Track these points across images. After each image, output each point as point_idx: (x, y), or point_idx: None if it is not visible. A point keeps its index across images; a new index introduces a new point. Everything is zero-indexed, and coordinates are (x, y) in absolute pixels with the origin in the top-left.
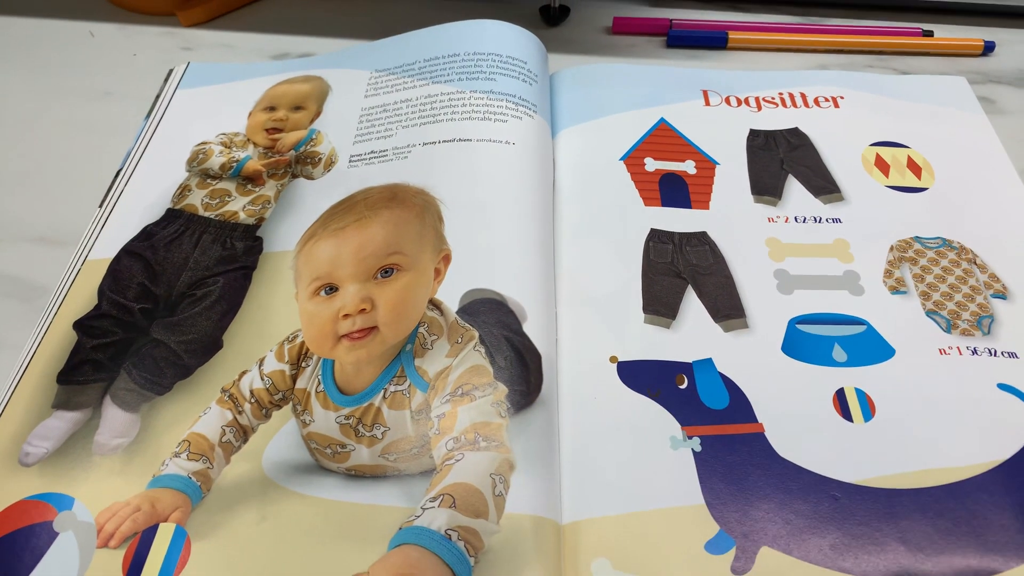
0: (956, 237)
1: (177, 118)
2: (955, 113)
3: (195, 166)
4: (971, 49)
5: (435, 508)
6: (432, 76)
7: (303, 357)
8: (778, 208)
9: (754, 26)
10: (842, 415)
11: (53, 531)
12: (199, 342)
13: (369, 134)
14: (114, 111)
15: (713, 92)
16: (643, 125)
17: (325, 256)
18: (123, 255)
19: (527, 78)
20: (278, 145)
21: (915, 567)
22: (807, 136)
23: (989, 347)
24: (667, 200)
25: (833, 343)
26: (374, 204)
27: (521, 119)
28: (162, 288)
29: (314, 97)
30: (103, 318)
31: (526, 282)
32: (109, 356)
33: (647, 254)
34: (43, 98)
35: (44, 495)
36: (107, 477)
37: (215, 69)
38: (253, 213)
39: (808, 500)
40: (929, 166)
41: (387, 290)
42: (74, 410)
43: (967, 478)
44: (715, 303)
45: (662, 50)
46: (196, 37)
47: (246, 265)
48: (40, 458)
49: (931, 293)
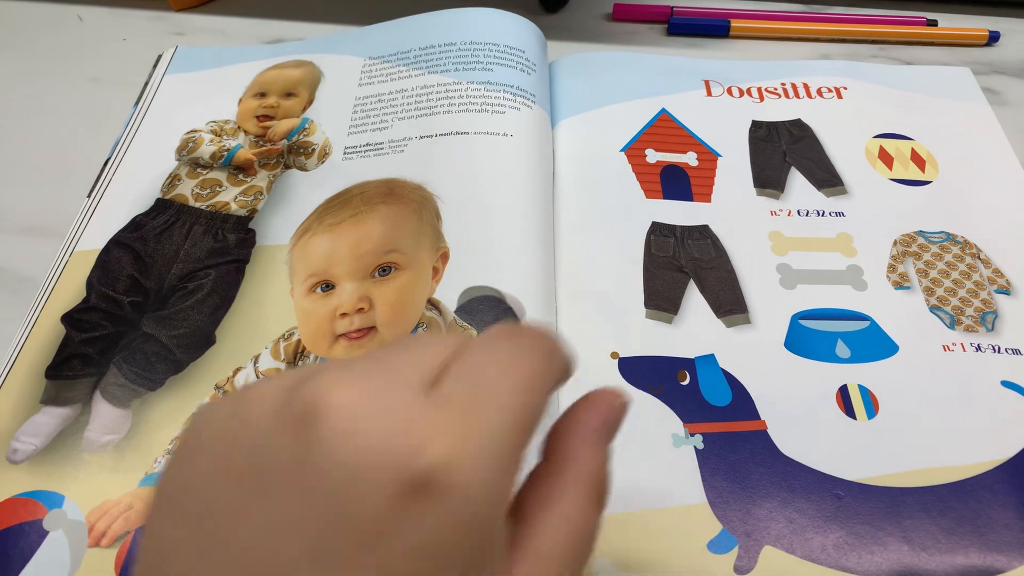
0: (960, 231)
1: (166, 105)
2: (959, 104)
3: (185, 155)
4: (975, 39)
5: None
6: (428, 66)
7: (300, 355)
8: (781, 201)
9: (756, 14)
10: (845, 412)
11: (43, 530)
12: (191, 336)
13: (364, 125)
14: (103, 97)
15: (715, 82)
16: (644, 115)
17: (320, 252)
18: (112, 246)
19: (525, 67)
20: (269, 133)
21: (918, 566)
22: (810, 127)
23: (993, 344)
24: (669, 192)
25: (836, 339)
26: (370, 199)
27: (519, 110)
28: (152, 281)
29: (306, 83)
30: (92, 311)
31: (525, 277)
32: (98, 350)
33: (648, 248)
34: (30, 84)
35: (33, 493)
36: (98, 474)
37: (204, 54)
38: (245, 204)
39: (811, 499)
40: (933, 159)
41: (385, 290)
42: (63, 406)
43: (970, 476)
44: (717, 298)
45: (663, 38)
46: (187, 21)
47: (239, 258)
48: (29, 455)
49: (935, 288)
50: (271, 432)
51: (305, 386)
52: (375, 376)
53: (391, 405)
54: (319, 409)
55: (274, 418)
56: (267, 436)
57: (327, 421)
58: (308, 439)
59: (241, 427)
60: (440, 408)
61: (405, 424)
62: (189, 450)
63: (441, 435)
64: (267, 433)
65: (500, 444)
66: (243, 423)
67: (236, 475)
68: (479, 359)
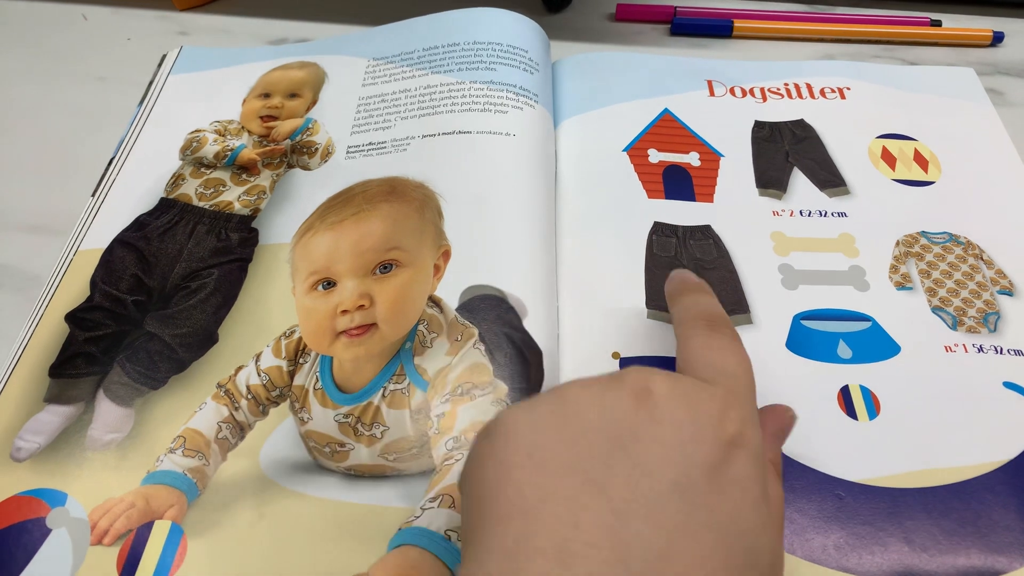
0: (962, 232)
1: (170, 105)
2: (963, 105)
3: (189, 154)
4: (979, 39)
5: (435, 509)
6: (431, 66)
7: (301, 353)
8: (783, 201)
9: (760, 14)
10: (847, 413)
11: (46, 528)
12: (194, 335)
13: (367, 125)
14: (108, 97)
15: (718, 82)
16: (647, 115)
17: (322, 249)
18: (116, 245)
19: (528, 67)
20: (273, 133)
21: (919, 567)
22: (813, 128)
23: (995, 344)
24: (671, 193)
25: (838, 339)
26: (372, 197)
27: (522, 109)
28: (156, 280)
29: (310, 84)
30: (95, 310)
31: (527, 277)
32: (102, 349)
33: (650, 248)
34: (35, 83)
35: (36, 491)
36: (100, 473)
37: (209, 54)
38: (248, 203)
39: (812, 499)
40: (936, 159)
41: (386, 286)
42: (67, 404)
43: (972, 478)
44: (718, 298)
45: (666, 38)
46: (191, 21)
47: (242, 257)
48: (32, 453)
49: (937, 289)
50: (618, 402)
51: (630, 375)
52: (671, 374)
53: (690, 387)
54: (650, 386)
55: (616, 392)
56: (616, 404)
57: (657, 397)
58: (647, 405)
59: (591, 399)
60: (717, 388)
61: (710, 396)
62: (543, 425)
63: (734, 407)
64: (615, 402)
65: (755, 414)
66: (596, 395)
67: (593, 433)
68: (713, 355)
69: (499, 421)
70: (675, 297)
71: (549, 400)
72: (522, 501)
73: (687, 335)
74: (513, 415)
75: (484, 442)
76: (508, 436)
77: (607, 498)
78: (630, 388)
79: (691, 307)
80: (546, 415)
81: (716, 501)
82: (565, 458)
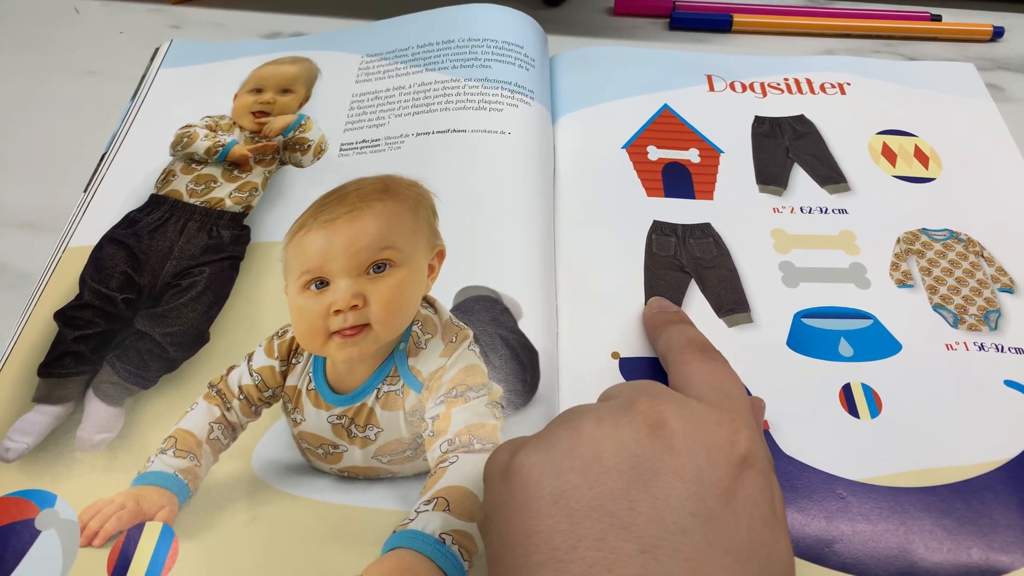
0: (963, 229)
1: (161, 99)
2: (963, 100)
3: (179, 150)
4: (980, 35)
5: (429, 511)
6: (426, 63)
7: (294, 353)
8: (783, 198)
9: (759, 9)
10: (848, 411)
11: (35, 529)
12: (185, 334)
13: (360, 122)
14: (100, 91)
15: (717, 77)
16: (646, 111)
17: (315, 248)
18: (105, 243)
19: (524, 63)
20: (265, 129)
21: (920, 566)
22: (813, 123)
23: (996, 343)
24: (670, 190)
25: (839, 337)
26: (366, 196)
27: (517, 107)
28: (146, 278)
29: (302, 80)
30: (85, 308)
31: (525, 276)
32: (91, 348)
33: (649, 247)
34: (25, 77)
35: (25, 492)
36: (90, 473)
37: (200, 48)
38: (240, 200)
39: (813, 498)
40: (936, 155)
41: (380, 286)
42: (56, 404)
43: (973, 476)
44: (719, 298)
45: (665, 32)
46: (184, 15)
47: (233, 255)
48: (21, 453)
49: (938, 287)
50: (635, 436)
51: (641, 405)
52: (679, 399)
53: (700, 414)
54: (664, 417)
55: (632, 426)
56: (632, 438)
57: (671, 427)
58: (663, 436)
59: (607, 436)
60: (724, 411)
61: (718, 422)
62: (565, 468)
63: (742, 429)
64: (632, 437)
65: (758, 429)
66: (612, 430)
67: (614, 472)
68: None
69: (518, 464)
70: (660, 328)
71: (565, 437)
72: (553, 550)
73: (683, 361)
74: (531, 458)
75: (503, 485)
76: (529, 482)
77: (636, 537)
78: (644, 420)
79: (679, 336)
80: (565, 456)
81: (732, 524)
82: (589, 500)
